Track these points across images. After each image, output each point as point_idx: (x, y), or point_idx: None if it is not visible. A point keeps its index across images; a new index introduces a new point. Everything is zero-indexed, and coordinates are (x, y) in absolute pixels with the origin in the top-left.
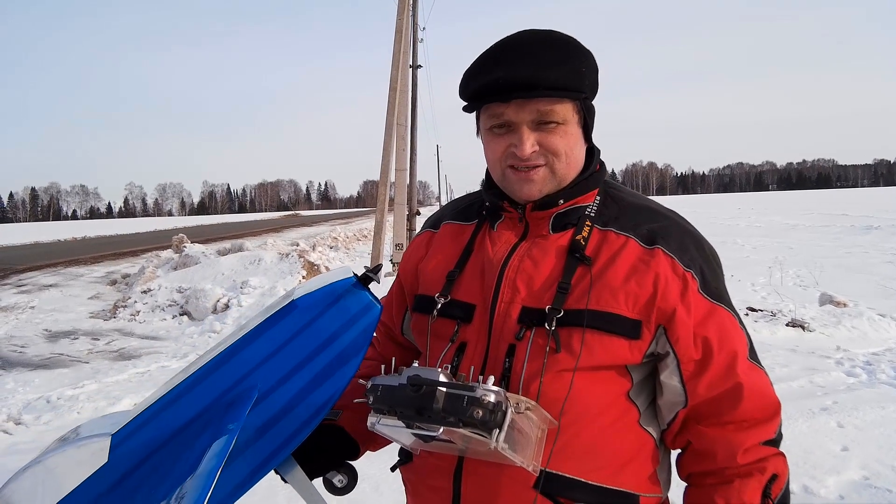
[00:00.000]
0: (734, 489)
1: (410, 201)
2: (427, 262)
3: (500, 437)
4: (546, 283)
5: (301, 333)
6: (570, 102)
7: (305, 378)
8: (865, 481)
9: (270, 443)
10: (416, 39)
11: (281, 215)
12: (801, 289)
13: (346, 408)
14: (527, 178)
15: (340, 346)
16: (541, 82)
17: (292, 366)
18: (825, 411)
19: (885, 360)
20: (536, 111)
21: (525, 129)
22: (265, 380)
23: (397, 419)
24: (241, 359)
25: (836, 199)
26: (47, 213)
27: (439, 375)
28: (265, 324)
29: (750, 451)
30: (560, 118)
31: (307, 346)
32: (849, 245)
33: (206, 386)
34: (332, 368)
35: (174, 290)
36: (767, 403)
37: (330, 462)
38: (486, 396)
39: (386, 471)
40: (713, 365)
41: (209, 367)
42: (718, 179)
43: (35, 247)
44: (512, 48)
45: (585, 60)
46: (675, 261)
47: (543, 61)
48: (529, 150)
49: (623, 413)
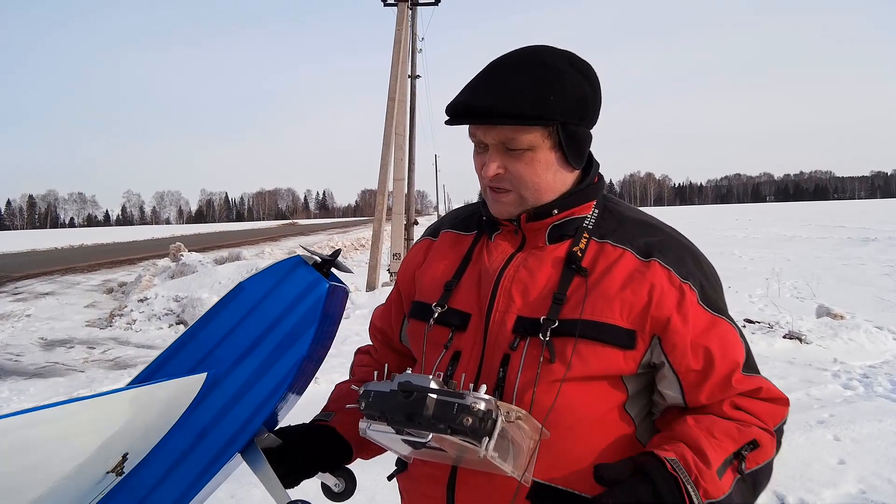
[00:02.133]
0: (706, 419)
1: (408, 211)
2: (425, 269)
3: (489, 446)
4: (542, 294)
5: (250, 315)
6: (538, 129)
7: (259, 357)
8: (862, 494)
9: (230, 425)
10: (415, 50)
11: (279, 224)
12: (798, 300)
13: (339, 411)
14: (497, 200)
15: (289, 325)
16: (496, 111)
17: (245, 346)
18: (822, 424)
19: (881, 372)
20: (502, 136)
21: (493, 152)
22: (220, 362)
23: (388, 425)
24: (198, 341)
25: (833, 211)
26: (45, 221)
27: (430, 382)
28: (215, 308)
29: (740, 411)
30: (525, 145)
31: (257, 327)
32: (846, 257)
33: (165, 373)
34: (284, 346)
35: (171, 298)
36: (768, 392)
37: (320, 463)
38: (476, 404)
39: (382, 481)
40: (714, 375)
41: (165, 357)
42: (716, 190)
43: (32, 254)
44: (487, 73)
45: (561, 86)
46: (671, 272)
47: (506, 89)
48: (493, 172)
49: (618, 425)
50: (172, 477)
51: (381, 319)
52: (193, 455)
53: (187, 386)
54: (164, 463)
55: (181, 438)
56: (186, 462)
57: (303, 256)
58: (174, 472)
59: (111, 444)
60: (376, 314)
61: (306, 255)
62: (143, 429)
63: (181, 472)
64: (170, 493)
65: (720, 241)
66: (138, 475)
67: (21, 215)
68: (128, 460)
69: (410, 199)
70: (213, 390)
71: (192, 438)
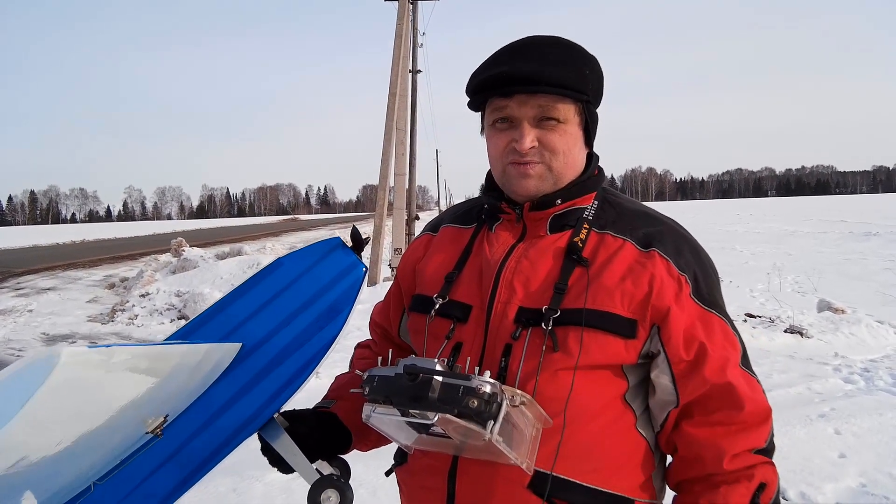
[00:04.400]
0: (720, 494)
1: (409, 206)
2: (425, 262)
3: (494, 429)
4: (543, 284)
5: (287, 290)
6: (572, 103)
7: (292, 333)
8: (863, 488)
9: (257, 399)
10: (416, 45)
11: (280, 219)
12: (799, 295)
13: (341, 398)
14: (524, 173)
15: (326, 303)
16: (543, 78)
17: (279, 321)
18: (823, 418)
19: (882, 367)
20: (538, 107)
21: (526, 125)
22: (251, 335)
23: (392, 408)
24: (227, 314)
25: (834, 206)
26: (46, 217)
27: (436, 365)
28: (251, 281)
29: (738, 457)
30: (561, 116)
31: (293, 303)
32: (847, 252)
33: (199, 337)
34: (318, 325)
35: (172, 294)
36: (757, 409)
37: (319, 448)
38: (481, 387)
39: (382, 476)
40: (705, 367)
41: (196, 323)
42: (717, 185)
43: (33, 250)
44: (518, 48)
45: (590, 65)
46: (670, 263)
47: (548, 59)
48: (529, 145)
49: (619, 415)
50: (196, 443)
51: (381, 315)
52: (219, 423)
53: (223, 352)
54: (189, 428)
55: (208, 406)
56: (210, 431)
57: (342, 239)
58: (198, 439)
59: (154, 401)
60: (376, 310)
61: (345, 239)
62: (181, 390)
63: (205, 439)
64: (191, 461)
65: (722, 237)
66: (169, 436)
67: (23, 211)
68: (167, 423)
69: (411, 194)
70: (243, 361)
71: (218, 408)
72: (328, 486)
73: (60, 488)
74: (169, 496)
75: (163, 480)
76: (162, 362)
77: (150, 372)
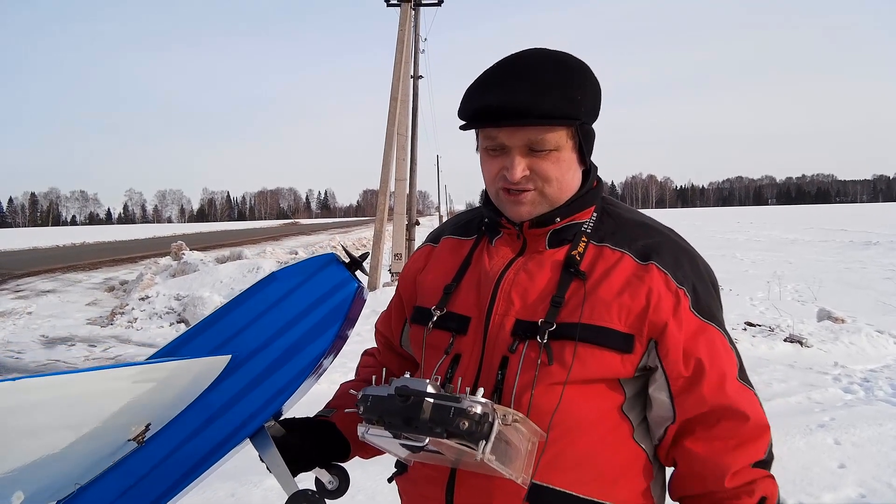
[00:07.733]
0: None
1: (410, 211)
2: (426, 274)
3: (486, 449)
4: (540, 297)
5: (279, 304)
6: (564, 129)
7: (282, 346)
8: (862, 499)
9: (245, 409)
10: (418, 50)
11: (280, 223)
12: (799, 304)
13: (340, 408)
14: (517, 201)
15: (316, 318)
16: (532, 111)
17: (269, 334)
18: (822, 428)
19: (882, 376)
20: (528, 138)
21: (516, 154)
22: (242, 348)
23: (385, 429)
24: (219, 327)
25: (835, 214)
26: (46, 219)
27: (427, 386)
28: (246, 294)
29: (739, 473)
30: (552, 145)
31: (284, 317)
32: (848, 260)
33: (190, 349)
34: (307, 339)
35: (172, 297)
36: (756, 423)
37: (319, 456)
38: (472, 408)
39: (382, 482)
40: (702, 383)
41: (190, 334)
42: (718, 193)
43: (33, 252)
44: (509, 72)
45: (584, 85)
46: (668, 277)
47: (538, 85)
48: (519, 175)
49: (616, 427)
50: (183, 451)
51: (384, 325)
52: (207, 433)
53: (211, 365)
54: (177, 437)
55: (196, 416)
56: (198, 439)
57: (336, 255)
58: (185, 447)
59: (137, 412)
60: (379, 319)
61: (340, 254)
62: (166, 402)
63: (192, 448)
64: (177, 468)
65: (722, 244)
66: (153, 445)
67: (23, 213)
68: (149, 430)
69: (412, 199)
70: (233, 373)
71: (206, 417)
72: (303, 500)
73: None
74: (155, 502)
75: (146, 487)
76: (147, 377)
77: (137, 385)
